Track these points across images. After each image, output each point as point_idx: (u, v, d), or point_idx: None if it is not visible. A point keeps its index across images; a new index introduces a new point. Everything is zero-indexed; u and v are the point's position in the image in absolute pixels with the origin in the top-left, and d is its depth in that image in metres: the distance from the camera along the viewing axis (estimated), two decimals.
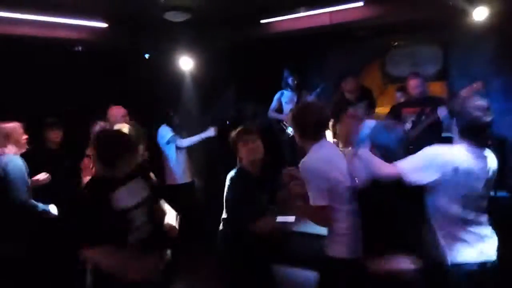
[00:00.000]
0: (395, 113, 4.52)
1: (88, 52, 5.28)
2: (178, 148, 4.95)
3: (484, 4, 4.27)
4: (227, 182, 2.78)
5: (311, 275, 2.79)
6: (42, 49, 4.72)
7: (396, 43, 6.38)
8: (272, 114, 5.59)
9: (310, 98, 5.36)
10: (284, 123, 5.49)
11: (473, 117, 2.14)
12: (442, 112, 4.03)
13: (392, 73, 6.43)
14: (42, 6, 4.14)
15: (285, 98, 5.50)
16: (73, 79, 4.89)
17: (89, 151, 4.11)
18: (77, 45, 5.15)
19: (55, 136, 4.32)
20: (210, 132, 4.92)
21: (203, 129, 4.99)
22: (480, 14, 4.33)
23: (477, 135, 2.18)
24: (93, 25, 4.78)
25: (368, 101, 5.00)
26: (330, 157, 2.38)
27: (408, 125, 4.41)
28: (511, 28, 4.74)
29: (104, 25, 4.79)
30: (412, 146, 4.03)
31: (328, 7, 4.77)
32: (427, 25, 5.40)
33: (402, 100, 5.10)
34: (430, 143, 2.33)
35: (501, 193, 4.66)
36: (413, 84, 4.36)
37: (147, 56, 5.82)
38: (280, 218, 3.59)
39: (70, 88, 4.82)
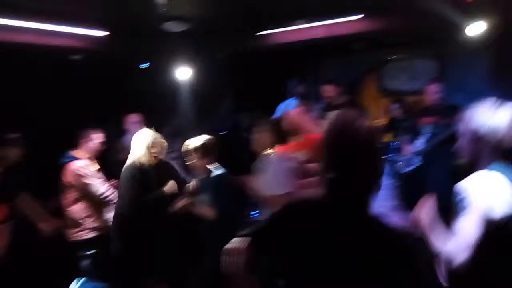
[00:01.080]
0: (411, 123, 4.56)
1: (85, 60, 5.27)
2: None
3: (480, 18, 4.32)
4: None
5: None
6: (41, 57, 4.71)
7: (393, 57, 6.40)
8: None
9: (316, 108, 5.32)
10: None
11: None
12: None
13: (388, 86, 6.45)
14: (41, 14, 4.14)
15: (291, 108, 5.44)
16: (70, 87, 4.88)
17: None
18: (76, 53, 5.13)
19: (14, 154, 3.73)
20: None
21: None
22: (476, 29, 4.38)
23: None
24: (92, 34, 4.77)
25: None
26: None
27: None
28: (507, 43, 4.79)
29: (104, 33, 4.78)
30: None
31: (327, 19, 4.81)
32: (424, 38, 5.44)
33: (397, 112, 5.15)
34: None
35: None
36: (433, 89, 4.40)
37: (142, 66, 5.81)
38: None
39: (67, 96, 4.81)
